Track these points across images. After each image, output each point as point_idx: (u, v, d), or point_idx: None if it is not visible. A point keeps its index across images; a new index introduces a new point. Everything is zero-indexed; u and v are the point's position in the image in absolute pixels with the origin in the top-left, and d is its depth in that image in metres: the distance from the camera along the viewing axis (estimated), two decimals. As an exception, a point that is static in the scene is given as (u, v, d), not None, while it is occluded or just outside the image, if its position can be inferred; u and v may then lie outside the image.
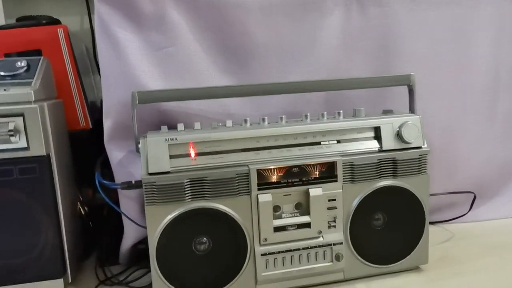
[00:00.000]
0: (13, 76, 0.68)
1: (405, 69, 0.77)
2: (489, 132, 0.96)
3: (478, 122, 0.95)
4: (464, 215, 0.96)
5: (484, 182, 0.98)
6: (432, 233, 0.75)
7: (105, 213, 0.89)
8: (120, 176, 0.75)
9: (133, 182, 0.70)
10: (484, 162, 0.97)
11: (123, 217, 0.77)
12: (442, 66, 0.91)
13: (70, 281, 0.72)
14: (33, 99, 0.65)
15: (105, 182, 0.71)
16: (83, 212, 0.85)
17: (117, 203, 0.76)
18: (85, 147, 0.83)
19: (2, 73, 0.68)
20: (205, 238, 0.67)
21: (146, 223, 0.65)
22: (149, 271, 0.66)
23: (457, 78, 0.92)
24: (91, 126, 0.84)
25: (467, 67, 0.92)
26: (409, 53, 0.88)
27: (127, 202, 0.76)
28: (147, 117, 0.76)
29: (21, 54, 0.78)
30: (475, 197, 0.96)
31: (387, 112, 0.76)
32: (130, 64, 0.73)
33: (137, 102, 0.67)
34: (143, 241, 0.77)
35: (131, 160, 0.75)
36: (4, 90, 0.65)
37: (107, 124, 0.74)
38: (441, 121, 0.92)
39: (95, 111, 0.87)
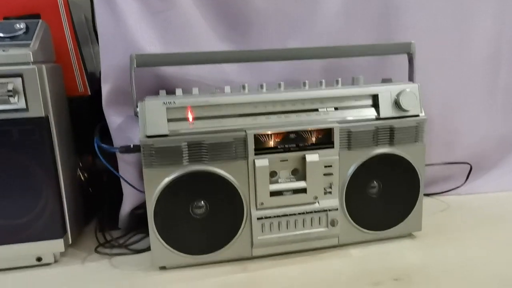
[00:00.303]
0: (12, 38, 0.68)
1: (406, 39, 0.76)
2: (489, 104, 0.97)
3: (478, 94, 0.95)
4: (460, 186, 0.97)
5: (482, 155, 0.98)
6: (427, 204, 0.76)
7: (104, 179, 0.90)
8: (118, 141, 0.76)
9: (132, 146, 0.71)
10: (482, 135, 0.97)
11: (122, 182, 0.78)
12: (443, 38, 0.90)
13: (70, 242, 0.74)
14: (32, 60, 0.65)
15: (104, 145, 0.72)
16: (83, 178, 0.86)
17: (116, 170, 0.77)
18: (84, 115, 0.83)
19: (1, 35, 0.68)
20: (202, 202, 0.67)
21: (144, 185, 0.65)
22: (148, 235, 0.68)
23: (458, 50, 0.92)
24: (89, 93, 0.84)
25: (468, 39, 0.92)
26: (410, 23, 0.87)
27: (126, 168, 0.77)
28: (145, 83, 0.76)
29: (20, 18, 0.77)
30: (471, 168, 0.96)
31: (386, 81, 0.75)
32: (128, 27, 0.72)
33: (135, 65, 0.67)
34: (142, 206, 0.78)
35: (130, 125, 0.76)
36: (3, 51, 0.65)
37: (106, 88, 0.74)
38: (441, 93, 0.92)
39: (94, 81, 0.87)
